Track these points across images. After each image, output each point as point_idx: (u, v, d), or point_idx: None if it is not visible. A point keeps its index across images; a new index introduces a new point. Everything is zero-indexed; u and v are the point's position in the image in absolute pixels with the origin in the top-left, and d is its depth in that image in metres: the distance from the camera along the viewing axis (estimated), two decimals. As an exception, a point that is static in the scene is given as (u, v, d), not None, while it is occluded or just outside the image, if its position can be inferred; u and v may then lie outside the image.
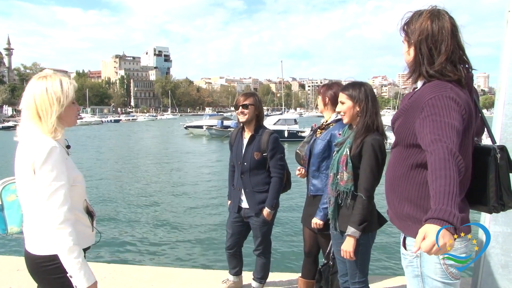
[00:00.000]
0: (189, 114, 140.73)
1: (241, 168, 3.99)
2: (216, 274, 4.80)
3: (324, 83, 3.86)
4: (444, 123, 1.76)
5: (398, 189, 2.10)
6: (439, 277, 2.04)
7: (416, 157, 2.00)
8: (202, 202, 14.75)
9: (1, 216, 2.26)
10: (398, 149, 2.14)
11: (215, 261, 8.53)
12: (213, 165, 24.88)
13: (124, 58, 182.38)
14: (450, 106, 1.82)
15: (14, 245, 9.86)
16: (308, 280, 3.88)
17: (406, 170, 2.05)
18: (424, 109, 1.88)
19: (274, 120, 40.38)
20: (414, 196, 2.02)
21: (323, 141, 3.50)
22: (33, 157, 2.01)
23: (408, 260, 2.14)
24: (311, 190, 3.57)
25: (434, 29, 1.97)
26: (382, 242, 9.19)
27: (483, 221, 3.21)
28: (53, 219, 2.00)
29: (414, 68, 2.06)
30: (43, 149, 2.01)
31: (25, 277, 4.56)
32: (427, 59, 1.98)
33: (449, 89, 1.89)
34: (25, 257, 2.20)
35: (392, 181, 2.14)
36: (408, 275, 2.17)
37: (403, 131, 2.06)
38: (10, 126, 69.66)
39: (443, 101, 1.84)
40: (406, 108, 2.08)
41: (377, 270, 7.67)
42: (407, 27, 2.07)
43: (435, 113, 1.81)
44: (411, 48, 2.06)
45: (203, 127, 48.95)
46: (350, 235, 2.89)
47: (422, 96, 1.96)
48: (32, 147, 2.03)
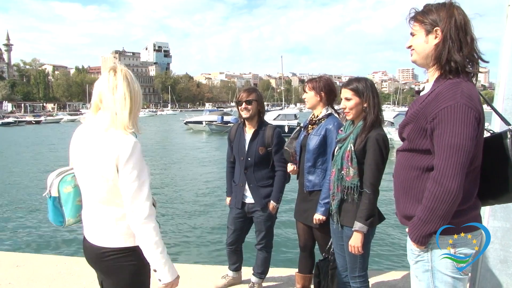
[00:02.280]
0: (189, 109, 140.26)
1: (245, 163, 3.98)
2: (215, 269, 4.81)
3: (309, 78, 3.84)
4: (456, 149, 1.86)
5: (411, 192, 2.11)
6: (450, 271, 2.05)
7: (430, 161, 2.01)
8: (201, 198, 14.76)
9: (59, 209, 2.21)
10: (409, 153, 2.13)
11: (214, 257, 8.54)
12: (213, 160, 24.86)
13: (123, 54, 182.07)
14: (465, 120, 1.86)
15: (13, 242, 9.90)
16: (305, 275, 3.89)
17: (421, 173, 2.06)
18: (437, 120, 1.90)
19: (274, 115, 40.32)
20: None
21: (317, 136, 3.48)
22: (117, 152, 2.01)
23: (418, 255, 2.14)
24: (307, 186, 3.55)
25: (461, 19, 2.00)
26: (381, 237, 9.23)
27: (482, 216, 3.20)
28: (139, 214, 2.02)
29: (441, 54, 2.01)
30: (128, 144, 2.02)
31: (24, 273, 4.59)
32: (457, 45, 1.98)
33: (464, 94, 1.89)
34: (90, 249, 2.19)
35: (405, 184, 2.15)
36: (417, 270, 2.17)
37: (416, 137, 2.05)
38: (10, 122, 69.73)
39: (458, 113, 1.86)
40: (416, 114, 2.05)
41: (375, 265, 7.68)
42: (423, 17, 2.06)
43: (449, 133, 1.87)
44: (431, 35, 2.03)
45: (203, 123, 48.91)
46: (357, 230, 2.90)
47: (436, 101, 1.95)
48: (115, 142, 2.02)
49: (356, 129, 2.99)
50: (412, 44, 2.13)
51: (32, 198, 14.70)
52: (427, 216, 1.97)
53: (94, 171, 2.07)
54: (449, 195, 1.88)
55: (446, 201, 1.90)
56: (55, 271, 4.65)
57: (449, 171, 1.88)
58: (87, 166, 2.10)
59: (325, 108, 3.60)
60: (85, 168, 2.12)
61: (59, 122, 76.67)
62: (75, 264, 4.83)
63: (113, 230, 2.12)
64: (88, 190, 2.15)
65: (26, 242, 9.82)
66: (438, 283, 2.08)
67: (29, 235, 10.38)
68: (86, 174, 2.12)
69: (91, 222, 2.19)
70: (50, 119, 79.91)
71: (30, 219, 11.90)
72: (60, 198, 2.19)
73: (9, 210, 13.15)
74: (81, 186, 2.20)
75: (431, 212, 1.95)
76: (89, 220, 2.20)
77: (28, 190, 16.19)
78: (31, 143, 35.14)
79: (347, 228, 3.02)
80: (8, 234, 10.57)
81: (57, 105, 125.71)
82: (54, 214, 2.22)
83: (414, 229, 2.04)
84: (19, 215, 12.38)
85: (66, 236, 9.76)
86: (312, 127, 3.61)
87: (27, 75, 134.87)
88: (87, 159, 2.10)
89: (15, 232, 10.70)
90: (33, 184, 17.30)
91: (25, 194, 15.36)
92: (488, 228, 3.13)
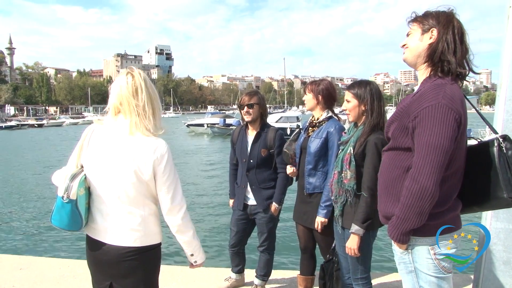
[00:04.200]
0: (191, 112, 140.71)
1: (247, 165, 4.01)
2: (218, 272, 4.82)
3: (311, 80, 3.87)
4: (434, 148, 1.90)
5: (393, 191, 2.14)
6: (432, 272, 2.09)
7: (411, 160, 2.03)
8: (203, 200, 14.75)
9: (77, 212, 2.16)
10: (393, 152, 2.17)
11: (217, 259, 8.53)
12: (215, 163, 24.84)
13: (125, 57, 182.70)
14: (445, 120, 1.90)
15: (16, 245, 9.91)
16: (307, 276, 3.89)
17: (402, 172, 2.09)
18: (418, 119, 1.95)
19: (277, 117, 40.23)
20: None
21: (319, 139, 3.49)
22: (155, 155, 2.16)
23: (400, 256, 2.19)
24: (307, 189, 3.56)
25: (459, 27, 2.06)
26: (384, 239, 9.19)
27: (485, 218, 3.21)
28: (180, 209, 2.26)
29: (434, 53, 2.06)
30: (163, 148, 2.19)
31: (27, 276, 4.60)
32: (452, 48, 2.03)
33: (447, 95, 1.93)
34: (108, 251, 2.21)
35: (387, 183, 2.18)
36: (402, 271, 2.23)
37: (399, 135, 2.10)
38: (12, 126, 69.94)
39: (438, 113, 1.90)
40: (401, 112, 2.11)
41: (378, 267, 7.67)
42: (422, 19, 2.12)
43: (428, 132, 1.92)
44: (426, 35, 2.09)
45: (204, 125, 48.96)
46: (354, 233, 2.92)
47: (419, 100, 2.00)
48: (150, 146, 2.15)
49: (357, 132, 3.02)
50: (406, 43, 2.18)
51: (36, 201, 14.71)
52: (404, 214, 2.00)
53: (125, 174, 2.13)
54: (425, 192, 1.92)
55: (422, 198, 1.93)
56: (58, 274, 4.66)
57: (426, 169, 1.92)
58: (116, 169, 2.14)
59: (325, 111, 3.61)
60: (111, 171, 2.15)
61: (61, 125, 76.92)
62: (78, 267, 4.84)
63: (139, 229, 2.20)
64: (112, 192, 2.18)
65: (29, 245, 9.83)
66: (423, 283, 2.13)
67: (32, 238, 10.39)
68: (112, 177, 2.15)
69: (112, 224, 2.20)
70: (52, 122, 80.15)
71: (34, 222, 11.90)
72: (77, 201, 2.16)
73: (13, 213, 13.16)
74: (100, 188, 2.20)
75: (408, 209, 1.98)
76: (110, 221, 2.21)
77: (31, 193, 16.20)
78: (34, 146, 35.33)
79: (347, 230, 3.04)
80: (11, 237, 10.58)
81: (59, 108, 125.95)
82: (72, 219, 2.16)
83: (393, 227, 2.09)
84: (23, 218, 12.38)
85: (69, 239, 9.76)
86: (313, 129, 3.61)
87: (30, 79, 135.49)
88: (116, 162, 2.14)
89: (18, 235, 10.71)
90: (36, 187, 17.31)
91: (29, 197, 15.36)
92: (491, 229, 3.14)
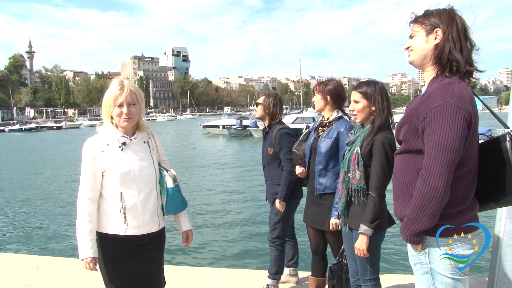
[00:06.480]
0: (208, 113, 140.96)
1: (262, 163, 4.27)
2: (229, 273, 4.85)
3: (320, 81, 3.86)
4: (443, 148, 1.89)
5: (408, 194, 2.11)
6: (449, 273, 2.06)
7: None
8: (221, 198, 14.79)
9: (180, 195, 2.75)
10: (405, 155, 2.15)
11: (230, 260, 8.55)
12: (231, 164, 24.88)
13: (142, 59, 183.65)
14: (454, 119, 1.88)
15: (33, 245, 10.07)
16: (318, 278, 3.88)
17: (416, 175, 2.06)
18: (427, 119, 1.94)
19: (293, 118, 40.15)
20: None
21: (329, 139, 3.47)
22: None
23: (417, 257, 2.15)
24: (318, 189, 3.53)
25: (462, 23, 2.04)
26: (394, 239, 9.12)
27: (499, 219, 3.17)
28: None
29: (442, 53, 2.04)
30: None
31: (43, 275, 4.68)
32: (458, 46, 2.01)
33: (455, 95, 1.91)
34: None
35: (402, 186, 2.16)
36: (417, 272, 2.19)
37: (410, 137, 2.08)
38: (32, 128, 71.30)
39: (446, 113, 1.89)
40: (410, 114, 2.09)
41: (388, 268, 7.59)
42: (423, 19, 2.10)
43: (438, 132, 1.90)
44: (431, 36, 2.07)
45: (220, 127, 49.26)
46: (362, 233, 2.90)
47: (427, 101, 1.99)
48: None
49: (364, 132, 3.00)
50: (410, 45, 2.16)
51: (52, 201, 14.96)
52: (415, 214, 2.01)
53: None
54: (435, 193, 1.91)
55: (433, 199, 1.93)
56: (73, 274, 4.73)
57: (436, 169, 1.91)
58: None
59: (335, 111, 3.59)
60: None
61: (79, 127, 78.01)
62: (93, 267, 4.89)
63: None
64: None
65: (45, 245, 9.99)
66: (438, 284, 2.09)
67: (48, 238, 10.55)
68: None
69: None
70: (70, 125, 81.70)
71: (49, 222, 12.09)
72: None
73: (30, 213, 13.40)
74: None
75: (419, 210, 1.99)
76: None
77: (49, 194, 16.47)
78: (53, 148, 35.91)
79: (355, 231, 3.01)
80: (28, 237, 10.76)
81: (77, 110, 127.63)
82: (182, 200, 2.79)
83: (404, 228, 2.09)
84: (39, 219, 12.59)
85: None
86: (323, 129, 3.60)
87: (49, 81, 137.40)
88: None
89: (35, 235, 10.89)
90: (54, 188, 17.60)
91: (46, 198, 15.61)
92: (505, 230, 3.09)
